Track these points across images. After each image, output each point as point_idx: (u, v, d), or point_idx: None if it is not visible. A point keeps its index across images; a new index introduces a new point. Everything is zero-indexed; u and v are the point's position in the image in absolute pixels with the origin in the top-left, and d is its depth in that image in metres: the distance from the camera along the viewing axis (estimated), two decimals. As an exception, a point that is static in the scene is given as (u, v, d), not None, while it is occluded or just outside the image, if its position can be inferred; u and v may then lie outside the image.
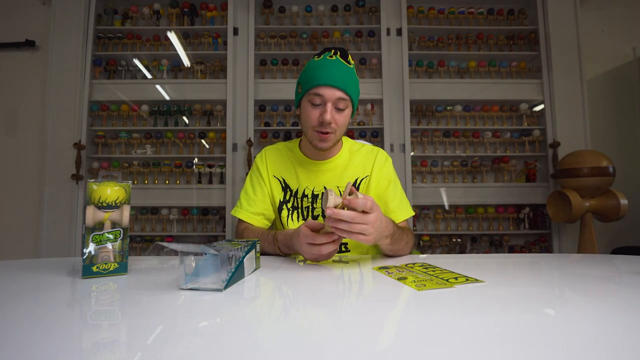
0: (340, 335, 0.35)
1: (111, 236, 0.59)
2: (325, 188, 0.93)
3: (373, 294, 0.52)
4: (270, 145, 1.03)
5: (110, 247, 0.59)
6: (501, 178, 2.22)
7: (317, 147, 0.88)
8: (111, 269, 0.59)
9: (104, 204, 0.59)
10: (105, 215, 0.59)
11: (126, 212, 0.61)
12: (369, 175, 0.95)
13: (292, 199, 0.95)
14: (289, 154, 0.99)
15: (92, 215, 0.58)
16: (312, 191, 0.94)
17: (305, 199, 0.94)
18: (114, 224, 0.60)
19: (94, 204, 0.58)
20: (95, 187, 0.59)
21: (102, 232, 0.58)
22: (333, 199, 0.62)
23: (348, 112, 0.87)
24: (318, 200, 0.94)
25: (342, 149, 0.97)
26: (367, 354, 0.31)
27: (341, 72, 0.83)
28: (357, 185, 0.95)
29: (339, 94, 0.83)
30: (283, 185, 0.97)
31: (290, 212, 0.94)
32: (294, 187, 0.95)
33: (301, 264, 0.72)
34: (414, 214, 0.97)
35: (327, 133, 0.85)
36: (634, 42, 2.29)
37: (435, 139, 2.23)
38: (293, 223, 0.94)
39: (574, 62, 2.17)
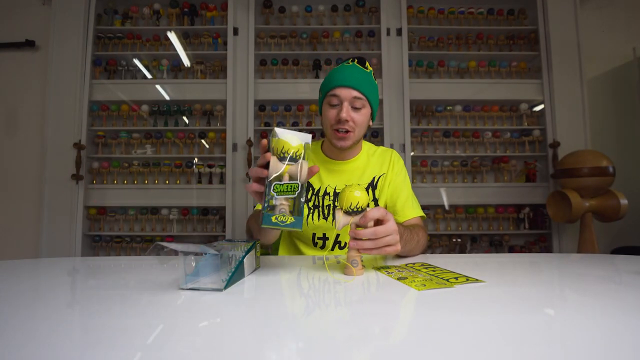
0: (340, 335, 0.35)
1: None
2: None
3: (373, 293, 0.52)
4: None
5: (287, 201, 0.58)
6: (501, 178, 2.22)
7: (336, 145, 0.92)
8: (288, 222, 0.57)
9: (285, 155, 0.58)
10: (285, 168, 0.58)
11: (305, 167, 0.59)
12: (385, 173, 1.00)
13: (313, 197, 0.97)
14: (310, 155, 1.00)
15: (274, 165, 0.57)
16: (334, 189, 0.97)
17: (327, 196, 0.97)
18: (291, 178, 0.59)
19: (276, 155, 0.58)
20: (278, 137, 0.58)
21: (282, 183, 0.57)
22: (342, 221, 0.61)
23: (365, 111, 0.92)
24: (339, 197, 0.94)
25: (361, 151, 1.02)
26: (367, 353, 0.31)
27: (357, 74, 0.89)
28: (374, 182, 0.99)
29: (354, 93, 0.88)
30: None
31: (311, 211, 0.96)
32: (316, 186, 0.98)
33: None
34: (423, 214, 0.99)
35: (346, 132, 0.90)
36: (634, 42, 2.29)
37: (435, 139, 2.23)
38: (313, 222, 0.95)
39: (574, 62, 2.17)
